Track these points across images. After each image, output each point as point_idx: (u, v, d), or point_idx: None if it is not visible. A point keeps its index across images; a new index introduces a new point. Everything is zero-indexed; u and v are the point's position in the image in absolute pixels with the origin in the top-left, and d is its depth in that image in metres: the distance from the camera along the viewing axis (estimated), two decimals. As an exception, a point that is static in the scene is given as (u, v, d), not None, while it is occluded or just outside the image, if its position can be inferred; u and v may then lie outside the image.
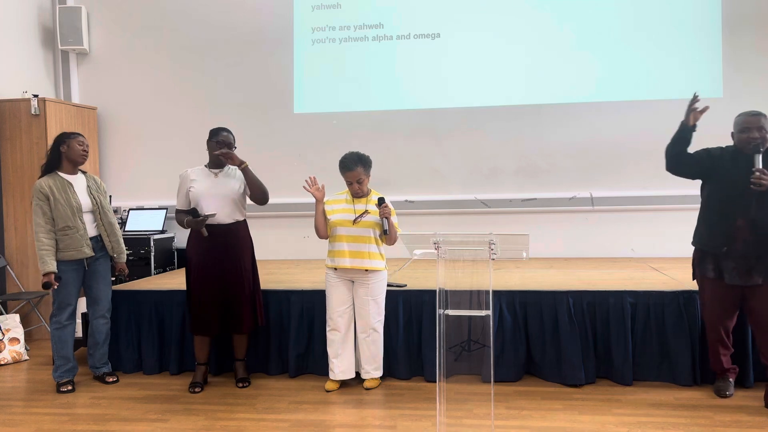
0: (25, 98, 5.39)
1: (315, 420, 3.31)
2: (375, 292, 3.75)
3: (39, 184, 3.80)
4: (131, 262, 5.48)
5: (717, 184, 3.36)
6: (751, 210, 3.24)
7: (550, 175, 5.60)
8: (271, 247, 5.65)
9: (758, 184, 3.14)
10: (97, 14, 6.17)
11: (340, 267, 3.71)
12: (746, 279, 3.29)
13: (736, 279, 3.31)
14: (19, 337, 4.70)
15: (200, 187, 3.78)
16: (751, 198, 3.23)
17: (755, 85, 5.29)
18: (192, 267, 3.81)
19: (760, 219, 3.23)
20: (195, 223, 3.70)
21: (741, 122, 3.32)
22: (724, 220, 3.31)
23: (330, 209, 3.78)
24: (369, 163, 3.76)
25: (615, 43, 5.49)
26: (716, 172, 3.35)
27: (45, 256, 3.71)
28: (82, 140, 3.91)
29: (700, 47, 5.39)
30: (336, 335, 3.77)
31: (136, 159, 6.13)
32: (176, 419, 3.38)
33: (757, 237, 3.25)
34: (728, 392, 3.49)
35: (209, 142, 3.83)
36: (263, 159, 5.75)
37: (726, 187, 3.31)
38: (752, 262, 3.27)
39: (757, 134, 3.24)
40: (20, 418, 3.45)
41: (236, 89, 5.97)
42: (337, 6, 5.85)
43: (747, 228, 3.25)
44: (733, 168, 3.31)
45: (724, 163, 3.34)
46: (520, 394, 3.64)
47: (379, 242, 3.74)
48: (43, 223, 3.75)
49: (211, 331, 3.83)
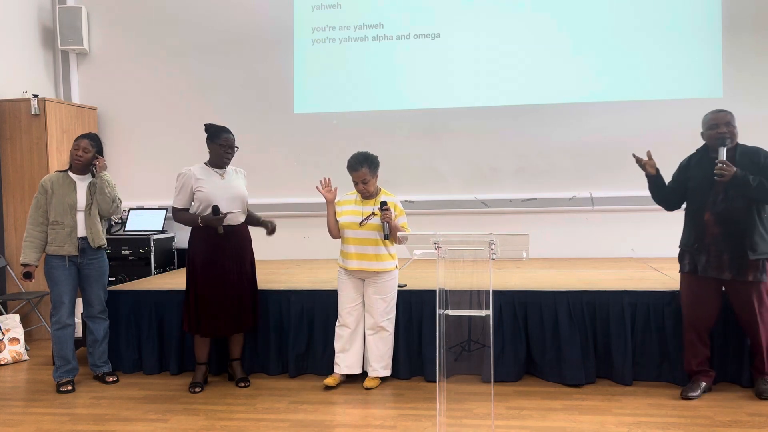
0: (25, 98, 5.39)
1: (315, 420, 3.31)
2: (384, 291, 3.76)
3: (44, 178, 3.96)
4: (131, 262, 5.49)
5: (690, 187, 3.49)
6: (717, 204, 3.33)
7: (550, 175, 5.60)
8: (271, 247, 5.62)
9: (720, 174, 3.22)
10: (97, 14, 6.16)
11: (348, 268, 3.74)
12: (718, 272, 3.36)
13: (709, 271, 3.38)
14: (19, 337, 4.70)
15: (211, 187, 3.75)
16: (717, 192, 3.33)
17: (755, 85, 5.29)
18: (197, 267, 3.79)
19: (726, 212, 3.32)
20: (216, 220, 3.67)
21: (709, 120, 3.44)
22: (695, 217, 3.43)
23: (339, 210, 3.80)
24: (376, 164, 3.76)
25: (615, 43, 5.49)
26: (689, 176, 3.50)
27: (25, 248, 3.89)
28: (78, 144, 3.94)
29: (700, 47, 5.39)
30: (344, 331, 3.80)
31: (135, 159, 6.12)
32: (176, 419, 3.38)
33: (725, 230, 3.33)
34: (691, 393, 3.45)
35: (213, 142, 3.81)
36: (263, 159, 5.77)
37: (695, 188, 3.44)
38: (723, 257, 3.34)
39: (724, 129, 3.35)
40: (20, 418, 3.45)
41: (236, 89, 5.97)
42: (337, 6, 5.85)
43: (714, 222, 3.34)
44: (698, 168, 3.45)
45: (691, 168, 3.51)
46: (520, 394, 3.64)
47: (387, 243, 3.74)
48: (35, 215, 3.88)
49: (220, 332, 3.82)
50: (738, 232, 3.32)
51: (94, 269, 3.98)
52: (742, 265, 3.32)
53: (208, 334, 3.83)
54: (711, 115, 3.44)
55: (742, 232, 3.31)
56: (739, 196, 3.30)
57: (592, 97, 5.51)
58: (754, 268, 3.32)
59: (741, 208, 3.31)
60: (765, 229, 3.34)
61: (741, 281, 3.35)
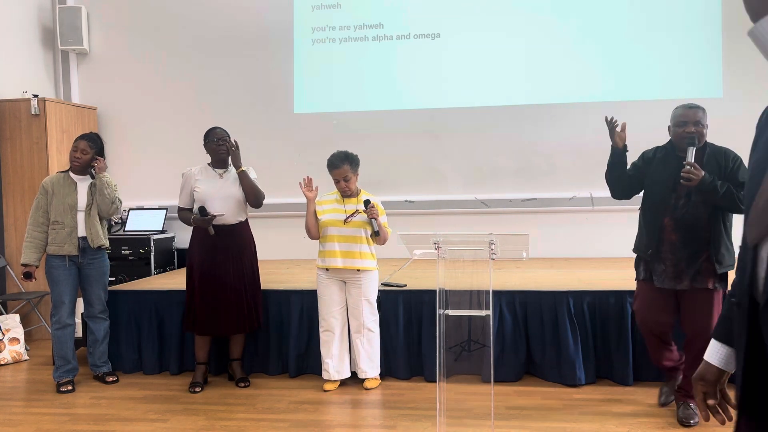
0: (25, 98, 5.39)
1: (315, 420, 3.31)
2: (368, 292, 3.75)
3: (45, 179, 3.97)
4: (131, 262, 5.49)
5: (649, 186, 3.18)
6: (677, 208, 3.02)
7: (550, 175, 5.60)
8: (271, 247, 5.65)
9: (687, 178, 2.90)
10: (97, 14, 6.16)
11: (332, 267, 3.72)
12: (675, 282, 3.04)
13: (665, 282, 3.06)
14: (19, 337, 4.70)
15: (206, 188, 3.79)
16: (680, 196, 3.03)
17: (755, 85, 5.28)
18: (194, 266, 3.82)
19: (686, 218, 3.00)
20: (202, 221, 3.72)
21: (678, 116, 3.11)
22: (651, 221, 3.11)
23: (320, 209, 3.79)
24: (356, 162, 3.76)
25: (614, 43, 5.49)
26: (649, 173, 3.18)
27: (26, 248, 3.89)
28: (76, 145, 3.94)
29: (700, 47, 5.39)
30: (329, 336, 3.78)
31: (135, 159, 6.12)
32: (176, 419, 3.38)
33: (683, 236, 3.01)
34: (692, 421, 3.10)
35: (207, 143, 3.87)
36: (263, 159, 5.75)
37: (655, 187, 3.13)
38: (682, 266, 3.02)
39: (693, 128, 3.02)
40: (20, 418, 3.45)
41: (236, 89, 5.97)
42: (337, 6, 5.85)
43: (672, 227, 3.03)
44: (662, 166, 3.13)
45: (655, 163, 3.17)
46: (520, 394, 3.64)
47: (370, 242, 3.74)
48: (35, 216, 3.89)
49: (216, 331, 3.83)
50: (698, 239, 2.99)
51: (94, 269, 3.99)
52: (700, 272, 3.00)
53: (204, 332, 3.84)
54: (681, 110, 3.10)
55: (702, 241, 2.99)
56: (702, 202, 2.98)
57: (592, 97, 5.51)
58: (714, 277, 3.00)
59: (703, 216, 2.99)
60: (729, 240, 3.02)
61: (700, 288, 3.01)
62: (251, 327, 3.89)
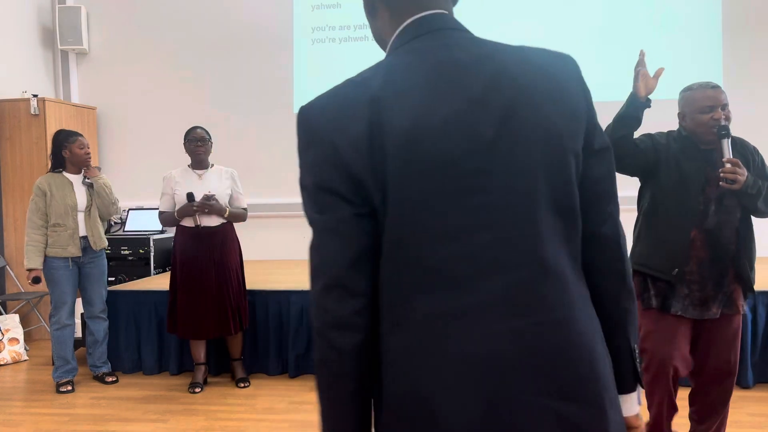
0: (25, 98, 5.39)
1: (315, 420, 3.31)
2: None
3: (39, 180, 3.87)
4: (131, 262, 5.48)
5: (664, 185, 2.45)
6: (708, 217, 2.38)
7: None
8: (270, 247, 5.65)
9: (732, 179, 2.26)
10: (97, 14, 6.16)
11: None
12: (702, 311, 2.41)
13: (689, 311, 2.41)
14: (19, 337, 4.69)
15: (184, 189, 3.78)
16: (709, 201, 2.38)
17: (755, 85, 5.29)
18: (176, 269, 3.81)
19: (719, 230, 2.37)
20: (189, 206, 3.69)
21: (698, 99, 2.44)
22: (675, 233, 2.40)
23: None
24: None
25: (614, 43, 5.49)
26: (662, 167, 2.47)
27: (30, 252, 3.79)
28: (82, 142, 3.91)
29: (700, 47, 5.39)
30: None
31: (135, 159, 6.12)
32: (176, 419, 3.37)
33: (715, 254, 2.37)
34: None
35: (186, 143, 3.88)
36: (263, 159, 5.76)
37: (677, 189, 2.41)
38: (708, 289, 2.39)
39: (721, 114, 2.37)
40: (20, 418, 3.45)
41: (236, 89, 5.96)
42: (337, 6, 5.85)
43: (702, 242, 2.38)
44: (682, 162, 2.43)
45: (672, 155, 2.46)
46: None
47: None
48: (35, 219, 3.81)
49: (201, 334, 3.81)
50: (727, 254, 2.38)
51: (95, 268, 3.98)
52: (729, 295, 2.43)
53: (185, 335, 3.83)
54: (701, 92, 2.45)
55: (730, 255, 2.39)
56: (736, 207, 2.38)
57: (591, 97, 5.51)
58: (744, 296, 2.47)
59: (735, 224, 2.39)
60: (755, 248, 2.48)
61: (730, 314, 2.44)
62: (235, 329, 3.84)
